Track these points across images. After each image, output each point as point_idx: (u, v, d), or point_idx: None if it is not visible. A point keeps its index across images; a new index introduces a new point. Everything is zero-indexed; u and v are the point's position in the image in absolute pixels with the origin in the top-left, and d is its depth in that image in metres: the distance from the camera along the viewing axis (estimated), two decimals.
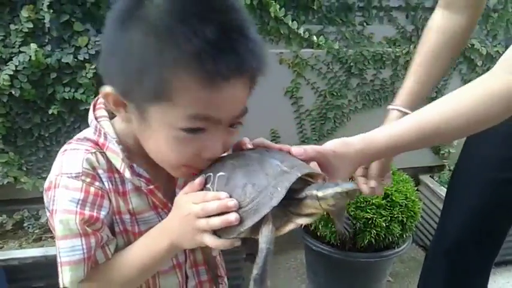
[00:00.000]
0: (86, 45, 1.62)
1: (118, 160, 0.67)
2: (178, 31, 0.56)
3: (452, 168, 2.23)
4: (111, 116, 0.71)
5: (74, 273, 0.64)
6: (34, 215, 1.74)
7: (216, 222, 0.60)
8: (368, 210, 1.63)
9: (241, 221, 0.60)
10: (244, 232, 0.61)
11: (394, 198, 1.65)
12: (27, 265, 1.49)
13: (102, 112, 0.70)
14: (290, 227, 0.63)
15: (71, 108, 1.68)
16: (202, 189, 0.64)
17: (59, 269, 0.65)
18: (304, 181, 0.62)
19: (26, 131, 1.66)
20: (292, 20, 1.82)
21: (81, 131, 1.74)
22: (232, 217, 0.59)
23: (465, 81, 2.19)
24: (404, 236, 1.73)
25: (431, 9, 2.03)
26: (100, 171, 0.67)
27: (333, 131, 2.07)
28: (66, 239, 0.63)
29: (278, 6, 1.72)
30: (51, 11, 1.54)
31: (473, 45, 2.09)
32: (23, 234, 1.71)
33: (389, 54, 2.03)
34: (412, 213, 1.70)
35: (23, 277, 1.49)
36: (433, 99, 2.04)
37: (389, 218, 1.65)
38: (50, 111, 1.64)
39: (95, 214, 0.64)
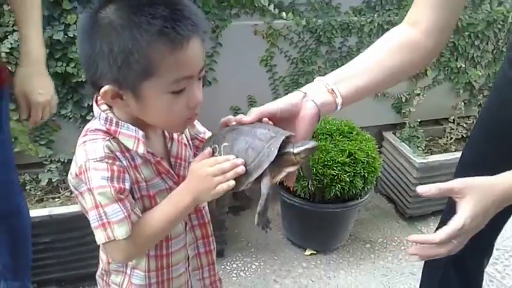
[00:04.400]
0: (75, 23, 1.73)
1: (130, 141, 0.84)
2: (139, 20, 0.74)
3: (412, 125, 2.48)
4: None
5: (122, 229, 0.81)
6: (35, 179, 1.91)
7: (230, 174, 0.80)
8: (334, 168, 1.85)
9: (247, 175, 0.81)
10: (250, 183, 0.83)
11: (357, 156, 1.88)
12: (34, 223, 1.66)
13: (105, 106, 0.86)
14: (282, 175, 0.85)
15: (63, 81, 1.82)
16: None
17: (98, 230, 0.82)
18: (284, 142, 0.84)
19: None
20: None
21: (73, 101, 1.89)
22: (240, 169, 0.80)
23: None
24: (366, 188, 1.98)
25: None
26: (117, 153, 0.84)
27: None
28: (108, 206, 0.81)
29: None
30: None
31: None
32: (25, 196, 1.86)
33: (355, 23, 2.19)
34: (372, 168, 1.93)
35: (31, 234, 1.68)
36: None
37: (352, 173, 1.88)
38: None
39: (122, 185, 0.82)
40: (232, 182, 0.80)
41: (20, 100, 1.27)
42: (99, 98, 0.87)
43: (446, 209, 1.41)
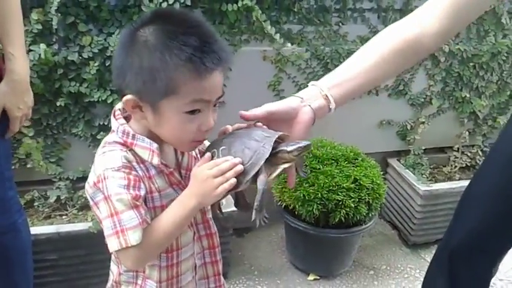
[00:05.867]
0: (90, 44, 1.78)
1: (145, 153, 0.89)
2: (172, 44, 0.80)
3: (417, 152, 2.50)
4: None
5: (136, 234, 0.85)
6: (43, 195, 1.93)
7: (230, 174, 0.85)
8: (339, 193, 1.87)
9: (245, 173, 0.86)
10: (248, 181, 0.87)
11: (361, 183, 1.90)
12: (41, 240, 1.69)
13: (122, 120, 0.92)
14: (277, 171, 0.90)
15: (76, 101, 1.86)
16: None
17: (112, 238, 0.85)
18: (277, 142, 0.89)
19: (35, 121, 1.83)
20: (276, 22, 2.02)
21: (84, 120, 1.93)
22: (239, 167, 0.85)
23: (429, 76, 2.42)
24: (370, 214, 1.99)
25: (400, 11, 2.26)
26: (133, 164, 0.88)
27: None
28: (124, 212, 0.84)
29: (260, 12, 1.89)
30: (59, 14, 1.71)
31: None
32: (33, 213, 1.90)
33: None
34: (377, 195, 1.95)
35: (37, 251, 1.68)
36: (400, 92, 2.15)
37: (357, 199, 1.89)
38: (58, 103, 1.82)
39: (137, 193, 0.86)
40: (233, 180, 0.85)
41: None
42: (116, 113, 0.93)
43: (445, 235, 1.42)
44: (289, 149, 0.88)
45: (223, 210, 1.09)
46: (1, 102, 1.27)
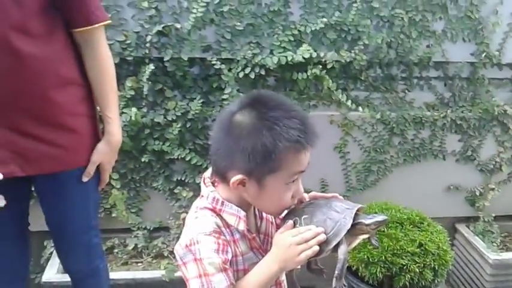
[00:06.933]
0: (174, 108, 1.99)
1: (232, 218, 0.98)
2: (280, 129, 0.91)
3: (487, 219, 2.44)
4: None
5: None
6: (123, 243, 2.10)
7: (312, 242, 0.93)
8: (403, 257, 1.87)
9: (327, 242, 0.94)
10: (329, 250, 0.94)
11: (427, 247, 1.89)
12: (119, 285, 1.84)
13: (212, 188, 1.02)
14: (356, 242, 0.98)
15: (158, 158, 2.06)
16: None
17: None
18: (356, 213, 0.97)
19: (122, 175, 2.05)
20: (343, 89, 2.15)
21: (164, 175, 2.09)
22: (322, 237, 0.93)
23: (499, 142, 2.41)
24: (436, 281, 1.95)
25: (467, 79, 2.30)
26: (222, 228, 0.98)
27: (376, 182, 2.33)
28: (214, 275, 0.92)
29: (330, 81, 2.04)
30: (149, 82, 1.94)
31: (505, 110, 2.31)
32: (112, 259, 2.07)
33: (428, 117, 2.28)
34: (443, 261, 1.92)
35: None
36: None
37: (422, 264, 1.87)
38: (142, 160, 2.02)
39: (226, 257, 0.95)
40: (316, 248, 0.93)
41: (92, 167, 1.45)
42: (206, 180, 1.03)
43: None
44: (367, 222, 0.95)
45: None
46: (100, 159, 1.46)
